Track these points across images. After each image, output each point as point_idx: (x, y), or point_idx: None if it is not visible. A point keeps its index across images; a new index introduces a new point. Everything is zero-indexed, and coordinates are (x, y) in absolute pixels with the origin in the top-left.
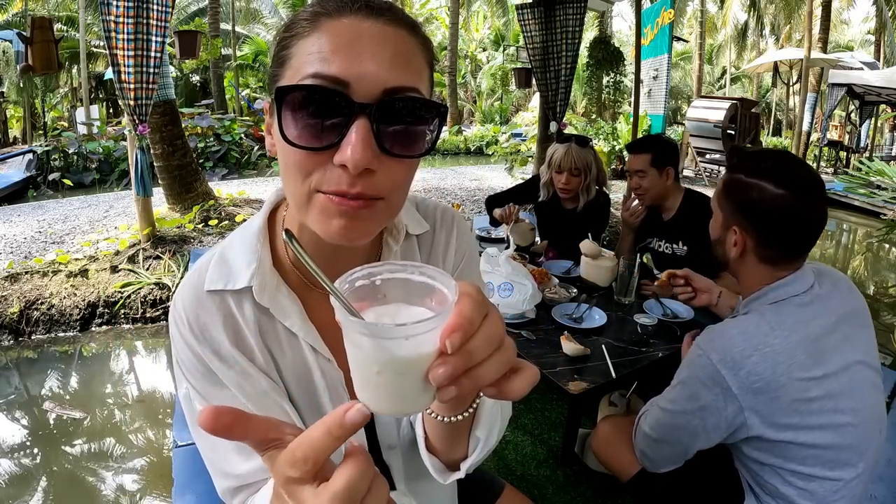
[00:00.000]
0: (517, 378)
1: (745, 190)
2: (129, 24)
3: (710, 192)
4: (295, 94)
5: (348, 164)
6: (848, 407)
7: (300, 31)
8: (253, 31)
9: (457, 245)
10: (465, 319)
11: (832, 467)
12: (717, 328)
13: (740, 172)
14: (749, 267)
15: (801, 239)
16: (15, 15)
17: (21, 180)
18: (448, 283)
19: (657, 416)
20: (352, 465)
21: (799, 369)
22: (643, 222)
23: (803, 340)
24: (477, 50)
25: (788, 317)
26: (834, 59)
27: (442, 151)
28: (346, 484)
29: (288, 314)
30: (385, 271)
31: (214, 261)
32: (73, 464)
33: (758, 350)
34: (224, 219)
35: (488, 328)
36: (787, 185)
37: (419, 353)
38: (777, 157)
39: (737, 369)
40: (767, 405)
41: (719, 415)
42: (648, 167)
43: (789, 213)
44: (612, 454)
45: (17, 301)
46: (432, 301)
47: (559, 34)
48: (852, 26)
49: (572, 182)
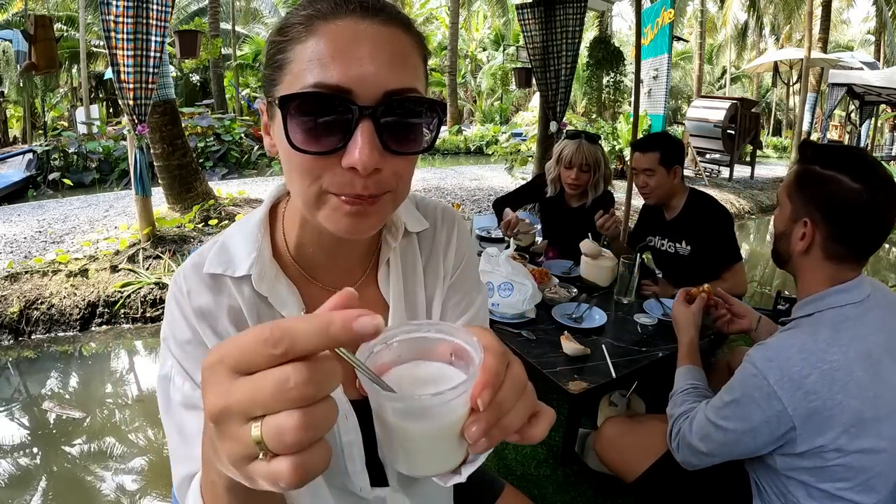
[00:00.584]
0: (538, 422)
1: (821, 181)
2: (128, 24)
3: (710, 192)
4: (298, 102)
5: (357, 166)
6: (888, 433)
7: (295, 35)
8: (253, 30)
9: (457, 245)
10: (493, 374)
11: (859, 491)
12: (773, 345)
13: (815, 164)
14: (813, 263)
15: (871, 237)
16: (15, 14)
17: (21, 180)
18: (468, 339)
19: (707, 430)
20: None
21: (856, 386)
22: (644, 221)
23: (861, 356)
24: (477, 50)
25: (845, 332)
26: (834, 59)
27: (442, 151)
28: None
29: (286, 304)
30: (400, 332)
31: (215, 249)
32: (72, 464)
33: (817, 368)
34: (224, 218)
35: (512, 378)
36: (864, 180)
37: (454, 416)
38: (855, 152)
39: (794, 389)
40: (820, 424)
41: (771, 434)
42: (657, 166)
43: (863, 209)
44: (617, 455)
45: (17, 301)
46: (451, 356)
47: (559, 34)
48: (852, 26)
49: (581, 178)
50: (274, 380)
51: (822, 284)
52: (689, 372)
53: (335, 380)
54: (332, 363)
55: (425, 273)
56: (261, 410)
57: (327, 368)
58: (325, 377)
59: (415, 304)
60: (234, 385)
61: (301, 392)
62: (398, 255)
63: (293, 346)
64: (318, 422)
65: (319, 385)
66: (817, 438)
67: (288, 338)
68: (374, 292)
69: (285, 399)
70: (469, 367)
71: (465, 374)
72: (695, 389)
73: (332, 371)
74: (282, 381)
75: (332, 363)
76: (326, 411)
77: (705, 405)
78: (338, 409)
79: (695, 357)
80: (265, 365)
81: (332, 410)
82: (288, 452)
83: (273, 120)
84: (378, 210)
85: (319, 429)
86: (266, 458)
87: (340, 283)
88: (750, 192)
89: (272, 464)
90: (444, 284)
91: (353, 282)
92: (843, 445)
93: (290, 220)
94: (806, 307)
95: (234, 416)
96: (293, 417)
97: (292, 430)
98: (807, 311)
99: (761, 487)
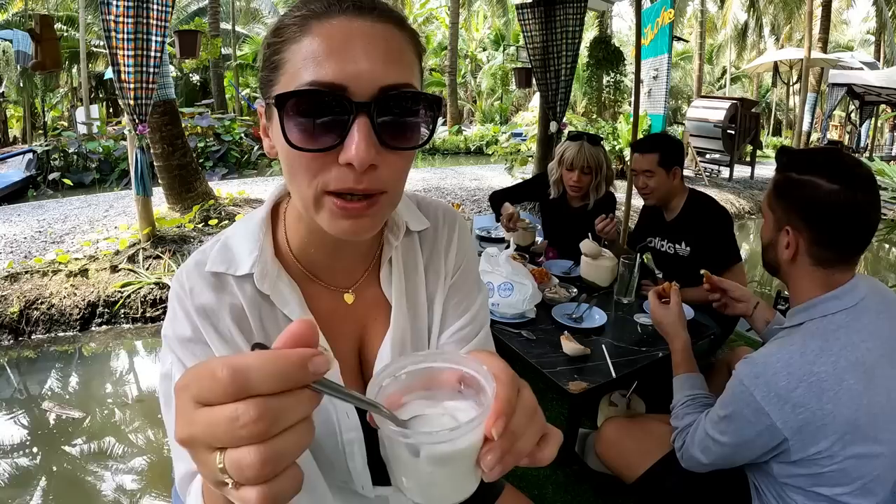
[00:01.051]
0: (547, 445)
1: (798, 187)
2: (128, 24)
3: (710, 193)
4: (294, 101)
5: (354, 161)
6: (886, 438)
7: (290, 35)
8: (253, 30)
9: (459, 245)
10: (506, 403)
11: (857, 495)
12: (760, 360)
13: (791, 171)
14: (802, 271)
15: (856, 237)
16: (15, 14)
17: (21, 180)
18: (476, 367)
19: (707, 443)
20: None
21: (847, 395)
22: (644, 222)
23: (852, 364)
24: (477, 50)
25: (836, 341)
26: (834, 59)
27: (442, 151)
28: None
29: (287, 302)
30: (409, 364)
31: (217, 247)
32: (72, 464)
33: (803, 381)
34: (224, 218)
35: (524, 404)
36: (841, 180)
37: (470, 448)
38: (828, 153)
39: (782, 404)
40: (812, 434)
41: (765, 446)
42: (656, 167)
43: (843, 209)
44: (617, 456)
45: (17, 301)
46: (460, 384)
47: (559, 34)
48: (852, 26)
49: (583, 181)
50: (225, 417)
51: (814, 291)
52: (686, 381)
53: (295, 413)
54: (292, 399)
55: (427, 272)
56: (219, 444)
57: (285, 404)
58: (283, 412)
59: (416, 303)
60: (196, 415)
61: (251, 430)
62: (400, 254)
63: (245, 388)
64: (279, 454)
65: (275, 421)
66: (811, 448)
67: (241, 380)
68: (375, 291)
69: (237, 437)
70: (478, 395)
71: (475, 402)
72: (693, 400)
73: (293, 405)
74: (232, 418)
75: (292, 399)
76: (293, 441)
77: (705, 417)
78: (313, 431)
79: (690, 363)
80: (219, 400)
81: (300, 438)
82: (251, 484)
83: (271, 121)
84: (376, 212)
85: (281, 461)
86: (234, 486)
87: (342, 282)
88: (750, 192)
89: (240, 491)
90: (446, 284)
91: (354, 280)
92: (837, 452)
93: (292, 219)
94: (797, 316)
95: (199, 444)
96: (250, 453)
97: (250, 466)
98: (797, 321)
99: (760, 491)
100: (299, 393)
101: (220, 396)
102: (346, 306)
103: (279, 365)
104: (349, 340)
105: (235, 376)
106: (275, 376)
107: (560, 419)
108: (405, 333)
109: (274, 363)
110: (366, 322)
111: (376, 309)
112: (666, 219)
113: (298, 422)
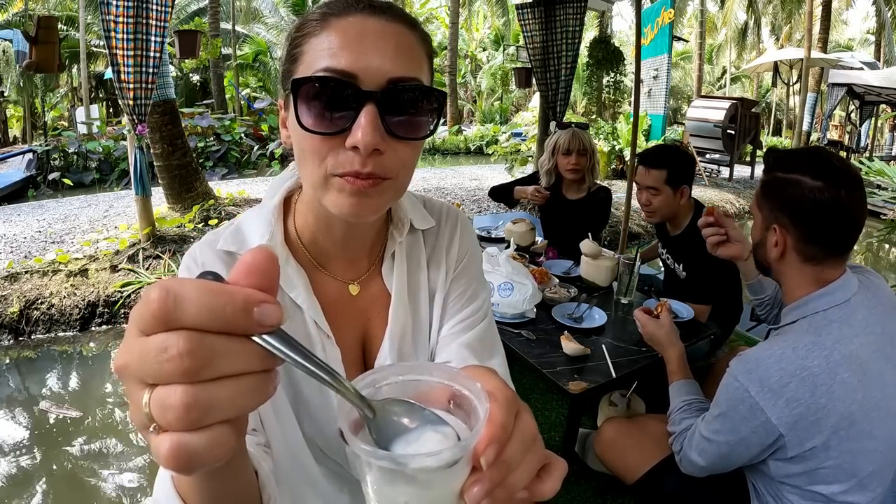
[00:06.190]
0: (549, 476)
1: (782, 186)
2: (128, 24)
3: (710, 193)
4: (309, 86)
5: (359, 145)
6: (880, 433)
7: (311, 30)
8: (253, 30)
9: (460, 240)
10: (499, 427)
11: (854, 492)
12: (753, 357)
13: (777, 170)
14: (792, 268)
15: (842, 232)
16: (15, 14)
17: (21, 180)
18: (469, 385)
19: (703, 445)
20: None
21: (841, 389)
22: (657, 230)
23: (846, 358)
24: (477, 50)
25: (829, 336)
26: (834, 59)
27: (442, 151)
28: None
29: (294, 286)
30: (391, 374)
31: (231, 229)
32: (72, 463)
33: (795, 376)
34: (224, 218)
35: (521, 431)
36: (823, 176)
37: (453, 479)
38: (811, 151)
39: (776, 399)
40: (807, 429)
41: (761, 443)
42: (663, 185)
43: (827, 206)
44: (617, 457)
45: (17, 301)
46: (450, 403)
47: (559, 34)
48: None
49: (581, 162)
50: (155, 346)
51: (806, 287)
52: (682, 388)
53: (233, 362)
54: (233, 344)
55: (429, 267)
56: (148, 377)
57: (222, 347)
58: (218, 355)
59: (417, 297)
60: (134, 343)
61: (177, 365)
62: (403, 250)
63: (173, 316)
64: (207, 404)
65: (207, 362)
66: (806, 443)
67: (170, 305)
68: (378, 284)
69: (164, 371)
70: (469, 417)
71: (465, 425)
72: (689, 406)
73: (231, 351)
74: (160, 349)
75: (233, 344)
76: (226, 394)
77: (701, 420)
78: (261, 395)
79: (685, 371)
80: (148, 326)
81: (237, 395)
82: (171, 430)
83: (288, 110)
84: (379, 193)
85: (209, 412)
86: (155, 430)
87: (347, 274)
88: (750, 193)
89: (157, 438)
90: (447, 279)
91: (360, 273)
92: (833, 447)
93: (302, 209)
94: (790, 314)
95: (131, 376)
96: (175, 392)
97: (172, 407)
98: (790, 319)
99: (759, 491)
100: (243, 341)
101: (147, 321)
102: (351, 297)
103: (218, 300)
104: (353, 331)
105: (165, 300)
106: (209, 311)
107: (560, 419)
108: (405, 327)
109: (211, 296)
110: (370, 315)
111: (380, 302)
112: (669, 233)
113: (239, 374)
